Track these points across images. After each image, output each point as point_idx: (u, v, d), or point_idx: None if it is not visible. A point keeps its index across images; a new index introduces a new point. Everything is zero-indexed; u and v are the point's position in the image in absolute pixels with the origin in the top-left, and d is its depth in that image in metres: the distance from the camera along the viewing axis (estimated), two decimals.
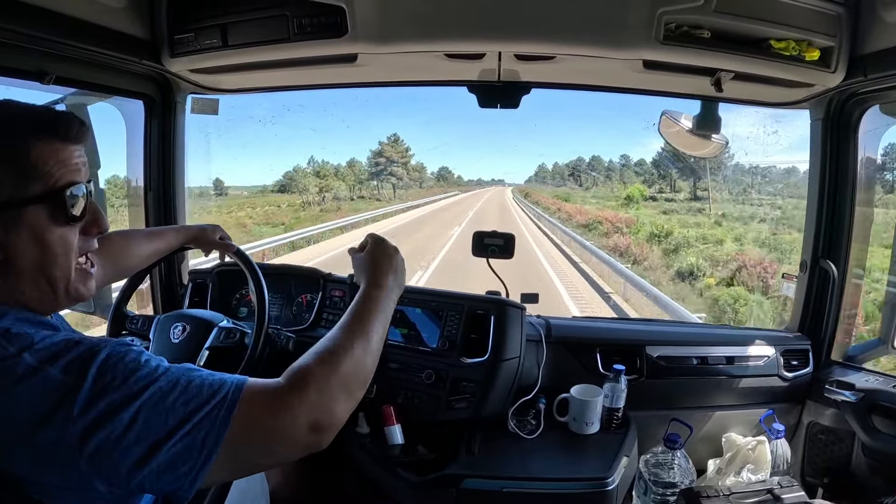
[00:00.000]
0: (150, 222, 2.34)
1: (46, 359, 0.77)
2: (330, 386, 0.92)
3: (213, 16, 1.80)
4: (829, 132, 2.03)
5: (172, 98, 2.24)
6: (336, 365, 0.95)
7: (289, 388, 0.88)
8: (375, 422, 1.91)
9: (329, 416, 0.90)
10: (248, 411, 0.83)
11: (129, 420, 0.76)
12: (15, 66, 1.59)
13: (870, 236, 2.11)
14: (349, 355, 0.97)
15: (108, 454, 0.75)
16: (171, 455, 0.77)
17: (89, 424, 0.74)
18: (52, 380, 0.75)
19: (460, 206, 44.74)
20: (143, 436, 0.76)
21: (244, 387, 0.85)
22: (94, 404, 0.75)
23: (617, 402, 1.92)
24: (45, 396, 0.74)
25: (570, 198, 49.68)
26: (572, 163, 67.55)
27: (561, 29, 1.64)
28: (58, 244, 0.88)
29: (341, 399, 0.93)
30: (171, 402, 0.79)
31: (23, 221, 0.83)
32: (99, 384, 0.76)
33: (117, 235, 1.64)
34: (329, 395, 0.91)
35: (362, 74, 2.08)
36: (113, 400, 0.76)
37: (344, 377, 0.95)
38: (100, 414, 0.75)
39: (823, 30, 1.65)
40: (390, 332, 2.02)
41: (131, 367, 0.79)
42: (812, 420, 2.12)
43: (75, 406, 0.74)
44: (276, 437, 0.86)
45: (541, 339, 2.06)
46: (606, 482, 1.67)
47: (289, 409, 0.86)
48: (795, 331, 2.24)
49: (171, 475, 0.78)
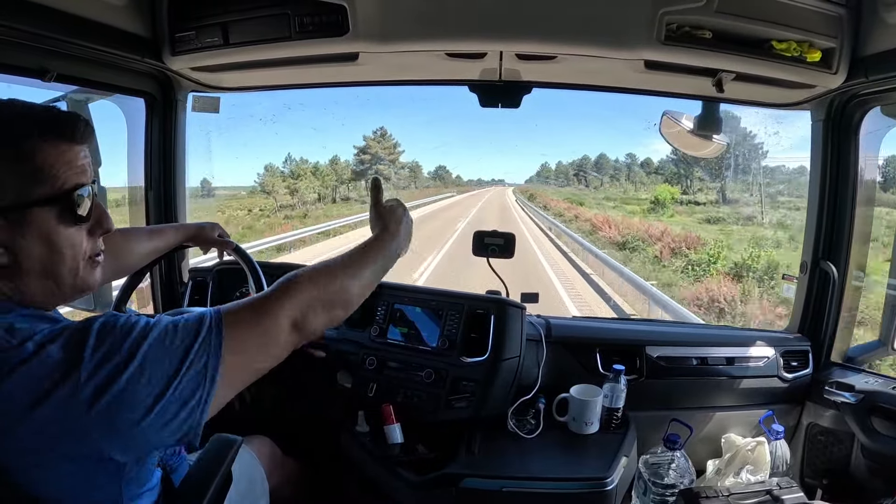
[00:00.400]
0: (150, 220, 2.34)
1: (45, 342, 0.79)
2: (311, 297, 1.01)
3: (214, 14, 1.80)
4: (830, 133, 2.03)
5: (173, 96, 2.25)
6: (322, 283, 1.05)
7: (273, 294, 0.98)
8: (375, 421, 1.90)
9: (306, 320, 0.99)
10: (235, 326, 0.90)
11: (136, 371, 0.80)
12: (16, 64, 1.59)
13: (870, 238, 2.11)
14: (337, 278, 1.07)
15: (120, 408, 0.79)
16: (179, 390, 0.82)
17: (98, 387, 0.77)
18: (52, 357, 0.78)
19: (452, 212, 36.21)
20: (152, 380, 0.81)
21: (222, 310, 0.92)
22: (100, 368, 0.78)
23: (616, 402, 1.92)
24: (45, 375, 0.77)
25: (584, 201, 40.12)
26: (577, 161, 61.13)
27: (562, 29, 1.64)
28: (66, 245, 0.89)
29: (319, 311, 1.02)
30: (167, 345, 0.84)
31: (29, 223, 0.85)
32: (100, 351, 0.79)
33: (117, 233, 1.64)
34: (308, 304, 1.00)
35: (363, 73, 2.08)
36: (117, 361, 0.79)
37: (327, 294, 1.04)
38: (108, 374, 0.78)
39: (825, 31, 1.65)
40: (390, 332, 2.03)
41: (125, 329, 0.83)
42: (811, 421, 2.12)
43: (81, 374, 0.77)
44: (265, 339, 0.94)
45: (541, 339, 2.06)
46: (606, 482, 1.67)
47: (272, 311, 0.95)
48: (795, 332, 2.24)
49: (183, 411, 0.83)
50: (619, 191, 49.74)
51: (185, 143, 2.37)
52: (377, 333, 2.07)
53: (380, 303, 2.11)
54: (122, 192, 2.48)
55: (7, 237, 0.84)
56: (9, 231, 0.83)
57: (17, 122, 0.85)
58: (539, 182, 69.39)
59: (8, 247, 0.84)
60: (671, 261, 17.39)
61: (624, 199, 41.20)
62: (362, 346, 2.07)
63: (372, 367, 2.02)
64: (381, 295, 2.13)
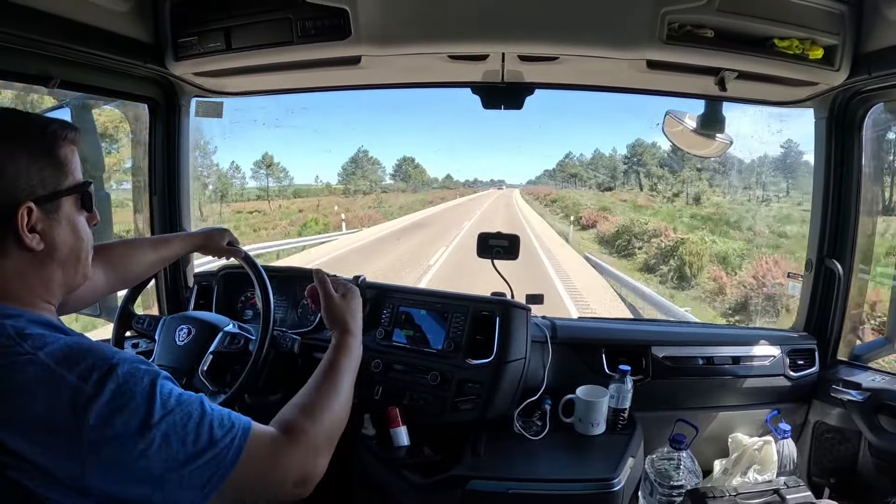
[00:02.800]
0: (154, 225, 2.35)
1: (61, 361, 0.82)
2: (318, 441, 1.03)
3: (216, 19, 1.81)
4: (834, 131, 2.03)
5: (176, 101, 2.25)
6: (321, 421, 1.06)
7: (286, 441, 0.98)
8: (381, 423, 1.90)
9: (315, 469, 1.02)
10: (252, 456, 0.91)
11: (144, 447, 0.81)
12: (20, 71, 1.60)
13: (875, 235, 2.11)
14: (330, 410, 1.09)
15: (116, 471, 0.81)
16: (176, 486, 0.84)
17: (103, 439, 0.79)
18: (68, 383, 0.80)
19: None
20: (154, 464, 0.82)
21: (250, 431, 0.93)
22: (111, 421, 0.80)
23: (623, 402, 1.91)
24: (60, 398, 0.79)
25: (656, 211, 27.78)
26: (615, 157, 45.53)
27: (564, 30, 1.65)
28: (83, 230, 1.01)
29: (325, 452, 1.04)
30: (184, 436, 0.85)
31: (61, 211, 0.95)
32: (117, 401, 0.81)
33: (121, 244, 1.64)
34: (316, 451, 1.02)
35: (366, 76, 2.09)
36: (129, 422, 0.81)
37: (328, 431, 1.06)
38: (115, 433, 0.80)
39: (827, 28, 1.65)
40: (395, 335, 2.03)
41: (148, 391, 0.84)
42: (818, 420, 2.11)
43: (90, 416, 0.79)
44: (269, 483, 0.96)
45: (546, 340, 2.06)
46: (612, 483, 1.66)
47: (284, 461, 0.97)
48: (801, 330, 2.24)
49: (182, 490, 0.84)
50: (631, 192, 39.51)
51: (189, 148, 2.37)
52: (382, 336, 2.06)
53: (385, 305, 2.11)
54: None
55: (45, 225, 0.92)
56: (46, 219, 0.92)
57: (49, 125, 0.95)
58: (552, 180, 55.75)
59: (45, 233, 0.92)
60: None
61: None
62: (368, 348, 2.05)
63: (378, 369, 2.02)
64: (386, 298, 2.13)
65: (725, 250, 17.51)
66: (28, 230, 0.90)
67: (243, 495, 0.94)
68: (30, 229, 0.90)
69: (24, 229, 0.89)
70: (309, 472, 1.00)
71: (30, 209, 0.89)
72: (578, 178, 50.24)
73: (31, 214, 0.90)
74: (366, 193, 48.10)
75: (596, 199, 38.39)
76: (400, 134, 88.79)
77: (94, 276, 1.34)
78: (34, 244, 0.91)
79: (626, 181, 42.78)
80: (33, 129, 0.94)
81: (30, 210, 0.89)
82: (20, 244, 0.90)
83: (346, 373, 1.20)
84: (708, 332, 2.54)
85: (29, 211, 0.89)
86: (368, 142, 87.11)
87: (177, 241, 1.75)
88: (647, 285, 14.05)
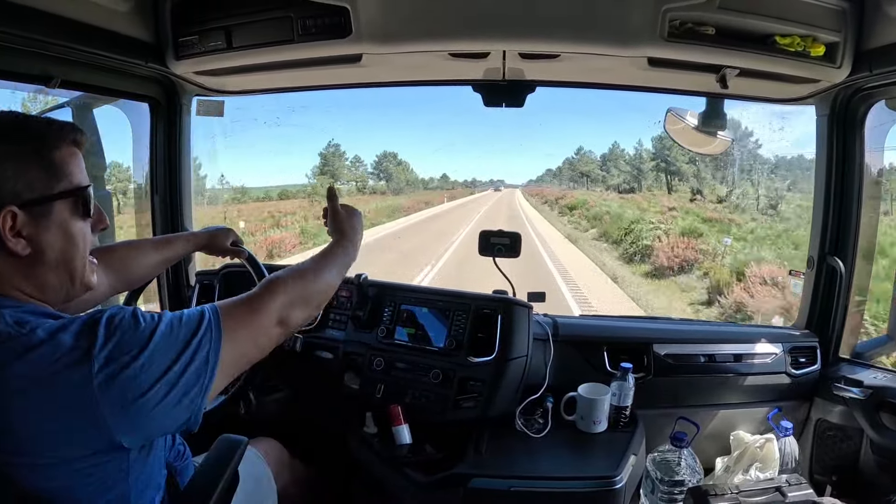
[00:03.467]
0: (156, 225, 2.35)
1: (56, 330, 0.87)
2: (294, 296, 1.17)
3: (217, 18, 1.81)
4: (836, 128, 2.02)
5: (178, 100, 2.25)
6: (301, 284, 1.21)
7: (262, 293, 1.13)
8: (383, 422, 1.90)
9: (289, 317, 1.15)
10: (231, 321, 1.03)
11: (147, 360, 0.89)
12: (21, 71, 1.61)
13: (877, 233, 2.10)
14: (311, 280, 1.25)
15: (131, 393, 0.87)
16: (185, 377, 0.92)
17: (110, 374, 0.85)
18: (64, 344, 0.86)
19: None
20: (161, 367, 0.90)
21: (218, 306, 1.04)
22: (111, 358, 0.86)
23: (624, 400, 1.91)
24: (56, 359, 0.85)
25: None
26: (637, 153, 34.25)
27: (565, 27, 1.64)
28: (79, 236, 1.00)
29: (299, 308, 1.18)
30: (174, 336, 0.94)
31: (51, 216, 0.95)
32: (111, 341, 0.87)
33: (123, 246, 1.64)
34: (292, 303, 1.16)
35: (366, 75, 2.09)
36: (128, 350, 0.88)
37: (305, 293, 1.21)
38: (119, 362, 0.86)
39: (828, 25, 1.65)
40: (397, 332, 2.03)
41: (132, 323, 0.91)
42: (820, 417, 2.11)
43: (93, 362, 0.85)
44: (257, 332, 1.08)
45: (548, 338, 2.06)
46: (614, 481, 1.66)
47: (262, 308, 1.10)
48: (803, 328, 2.24)
49: (187, 398, 0.93)
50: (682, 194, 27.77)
51: (190, 147, 2.38)
52: (384, 334, 2.06)
53: (387, 304, 2.11)
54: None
55: (31, 230, 0.92)
56: (33, 224, 0.93)
57: (43, 128, 0.96)
58: (556, 180, 44.52)
59: (32, 238, 0.93)
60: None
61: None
62: (370, 347, 2.07)
63: (379, 368, 2.02)
64: (387, 296, 2.13)
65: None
66: (12, 234, 0.90)
67: (244, 355, 1.07)
68: (15, 234, 0.91)
69: (6, 233, 0.90)
70: (285, 317, 1.14)
71: (13, 213, 0.90)
72: (590, 178, 39.56)
73: (15, 219, 0.90)
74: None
75: (627, 205, 25.84)
76: (387, 131, 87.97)
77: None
78: (18, 249, 0.91)
79: (658, 181, 32.45)
80: (27, 132, 0.94)
81: (13, 214, 0.90)
82: (4, 248, 0.91)
83: (336, 260, 1.36)
84: (709, 330, 2.53)
85: (13, 215, 0.90)
86: (361, 140, 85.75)
87: (180, 242, 1.73)
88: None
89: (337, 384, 2.09)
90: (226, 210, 27.00)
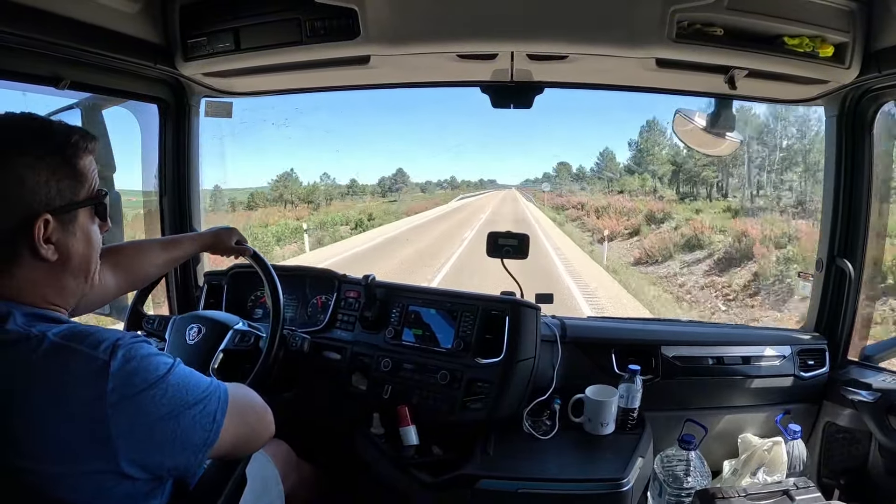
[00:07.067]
0: (165, 226, 2.36)
1: (70, 337, 0.88)
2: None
3: (225, 19, 1.81)
4: (844, 129, 2.01)
5: (186, 102, 2.26)
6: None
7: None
8: (390, 423, 1.91)
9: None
10: (238, 398, 1.06)
11: (158, 398, 0.90)
12: (30, 72, 1.61)
13: (886, 234, 2.09)
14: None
15: (137, 429, 0.88)
16: (190, 425, 0.93)
17: (120, 401, 0.86)
18: (80, 353, 0.87)
19: None
20: (171, 410, 0.91)
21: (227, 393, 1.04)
22: (125, 384, 0.87)
23: (632, 402, 1.91)
24: (75, 368, 0.86)
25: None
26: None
27: (573, 28, 1.64)
28: (96, 240, 1.04)
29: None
30: (185, 384, 0.95)
31: (77, 222, 0.98)
32: (127, 367, 0.88)
33: (130, 246, 1.65)
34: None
35: (375, 76, 2.10)
36: (142, 384, 0.89)
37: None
38: (132, 394, 0.87)
39: (837, 25, 1.64)
40: (405, 333, 2.04)
41: (148, 357, 0.92)
42: (829, 420, 2.10)
43: (108, 382, 0.85)
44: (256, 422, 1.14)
45: (556, 340, 2.06)
46: (621, 483, 1.66)
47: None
48: (812, 330, 2.23)
49: (189, 446, 0.94)
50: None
51: (199, 149, 2.39)
52: (392, 335, 2.06)
53: (394, 305, 2.11)
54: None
55: (60, 236, 0.95)
56: (61, 230, 0.95)
57: (71, 135, 0.97)
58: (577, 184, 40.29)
59: (59, 244, 0.95)
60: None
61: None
62: (377, 348, 2.07)
63: (387, 369, 2.02)
64: (395, 297, 2.13)
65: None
66: (44, 241, 0.92)
67: (248, 434, 1.11)
68: (45, 240, 0.92)
69: (39, 240, 0.91)
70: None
71: (47, 221, 0.92)
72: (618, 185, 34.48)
73: (47, 226, 0.92)
74: (289, 203, 36.23)
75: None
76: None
77: (104, 278, 1.35)
78: (49, 255, 0.93)
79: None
80: (55, 139, 0.95)
81: (46, 222, 0.92)
82: (35, 254, 0.92)
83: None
84: (717, 332, 2.52)
85: (46, 223, 0.91)
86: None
87: (186, 242, 1.76)
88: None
89: (344, 385, 2.09)
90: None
